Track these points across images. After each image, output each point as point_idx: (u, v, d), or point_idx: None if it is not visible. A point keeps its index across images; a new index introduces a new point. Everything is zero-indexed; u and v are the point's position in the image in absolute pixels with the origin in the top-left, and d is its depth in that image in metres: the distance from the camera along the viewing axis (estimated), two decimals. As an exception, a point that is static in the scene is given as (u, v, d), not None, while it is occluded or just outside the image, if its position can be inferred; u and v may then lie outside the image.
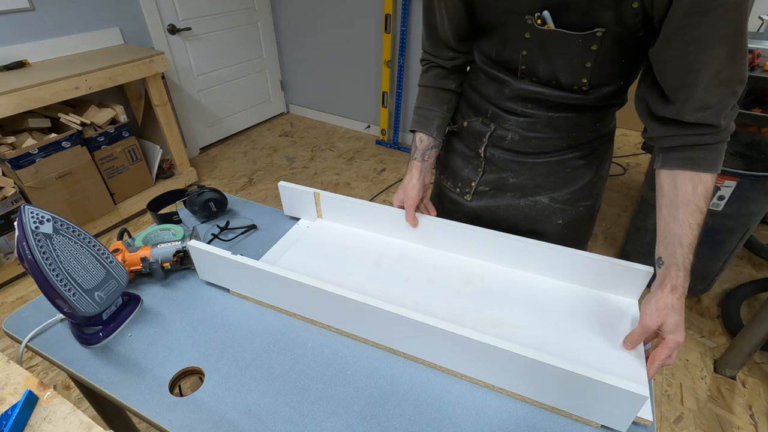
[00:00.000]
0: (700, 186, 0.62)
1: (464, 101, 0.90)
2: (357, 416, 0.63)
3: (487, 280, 0.84)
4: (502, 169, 0.86)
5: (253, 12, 3.15)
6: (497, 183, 0.88)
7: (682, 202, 0.63)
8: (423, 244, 0.93)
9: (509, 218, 0.91)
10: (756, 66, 1.76)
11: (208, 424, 0.62)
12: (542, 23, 0.65)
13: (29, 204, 0.64)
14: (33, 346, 0.75)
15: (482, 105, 0.84)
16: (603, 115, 0.79)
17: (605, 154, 0.87)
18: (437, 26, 0.80)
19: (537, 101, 0.76)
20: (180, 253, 0.86)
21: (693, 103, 0.60)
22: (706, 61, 0.57)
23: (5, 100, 1.71)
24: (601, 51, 0.65)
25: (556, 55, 0.69)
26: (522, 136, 0.81)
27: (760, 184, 1.44)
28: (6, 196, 1.82)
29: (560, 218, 0.89)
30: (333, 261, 0.89)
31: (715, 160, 0.63)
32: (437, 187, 1.03)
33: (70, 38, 2.19)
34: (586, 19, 0.62)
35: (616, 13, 0.60)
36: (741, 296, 1.79)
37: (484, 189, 0.90)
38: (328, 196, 0.96)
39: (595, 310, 0.77)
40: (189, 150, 3.01)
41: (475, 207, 0.93)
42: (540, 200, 0.87)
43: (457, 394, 0.66)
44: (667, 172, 0.66)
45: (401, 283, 0.84)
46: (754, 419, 1.40)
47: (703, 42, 0.55)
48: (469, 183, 0.92)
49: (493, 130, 0.83)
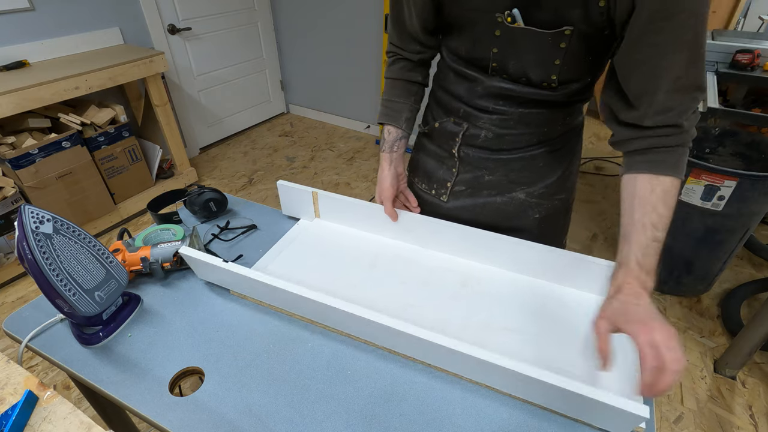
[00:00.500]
0: (658, 187, 0.61)
1: (434, 101, 0.91)
2: (357, 416, 0.63)
3: (483, 283, 0.84)
4: (477, 168, 0.87)
5: (253, 12, 3.15)
6: (473, 182, 0.89)
7: (638, 202, 0.62)
8: (420, 245, 0.93)
9: (487, 217, 0.91)
10: (756, 66, 1.76)
11: (208, 424, 0.62)
12: (512, 21, 0.66)
13: (29, 204, 0.64)
14: (33, 346, 0.75)
15: (453, 104, 0.84)
16: (571, 110, 0.81)
17: (575, 147, 0.89)
18: (405, 20, 0.80)
19: (508, 98, 0.77)
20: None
21: (655, 107, 0.61)
22: (666, 66, 0.58)
23: (5, 100, 1.71)
24: (570, 49, 0.66)
25: (526, 52, 0.69)
26: (495, 134, 0.81)
27: (760, 184, 1.44)
28: (6, 196, 1.82)
29: (537, 213, 0.89)
30: (329, 262, 0.89)
31: (675, 163, 0.62)
32: (412, 191, 1.01)
33: (70, 38, 2.19)
34: (555, 17, 0.63)
35: (584, 11, 0.61)
36: (741, 296, 1.79)
37: (460, 189, 0.90)
38: (326, 196, 0.96)
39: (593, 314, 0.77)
40: (189, 150, 3.01)
41: (452, 208, 0.92)
42: (516, 196, 0.88)
43: (457, 394, 0.66)
44: (629, 176, 0.65)
45: (396, 284, 0.84)
46: (754, 419, 1.40)
47: (664, 47, 0.57)
48: (444, 184, 0.92)
49: (466, 129, 0.83)
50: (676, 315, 1.78)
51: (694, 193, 1.54)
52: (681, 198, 1.58)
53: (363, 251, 0.92)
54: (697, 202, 1.55)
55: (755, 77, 1.73)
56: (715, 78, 1.75)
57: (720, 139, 1.76)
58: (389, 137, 0.89)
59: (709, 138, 1.77)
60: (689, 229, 1.63)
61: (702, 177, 1.49)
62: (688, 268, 1.74)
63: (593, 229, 2.29)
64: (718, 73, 1.78)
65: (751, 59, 1.74)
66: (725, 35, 2.07)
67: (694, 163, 1.49)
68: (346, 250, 0.92)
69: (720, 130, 1.75)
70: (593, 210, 2.44)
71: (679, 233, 1.67)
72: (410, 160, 1.00)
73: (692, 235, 1.64)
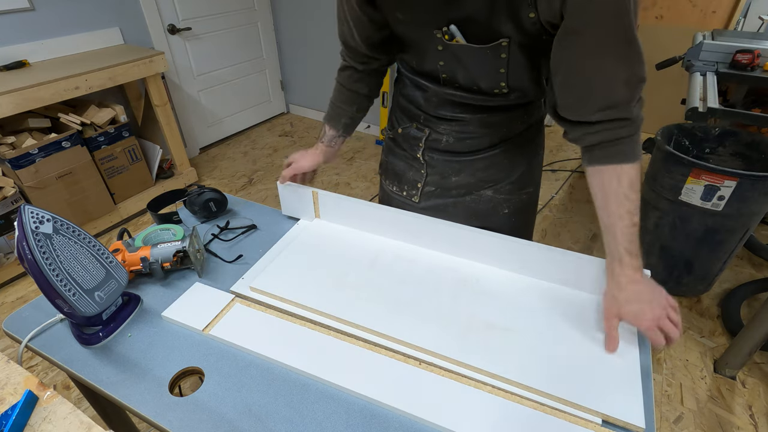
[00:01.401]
0: (624, 177, 0.65)
1: (398, 107, 0.93)
2: (357, 416, 0.63)
3: (483, 283, 0.84)
4: (444, 170, 0.88)
5: (253, 12, 3.15)
6: (441, 183, 0.90)
7: (610, 195, 0.66)
8: (419, 245, 0.92)
9: (459, 215, 0.92)
10: (756, 66, 1.76)
11: (208, 424, 0.62)
12: (450, 38, 0.67)
13: (29, 204, 0.64)
14: (33, 346, 0.75)
15: (414, 111, 0.86)
16: (530, 108, 0.82)
17: (537, 140, 0.90)
18: (347, 38, 0.81)
19: (464, 105, 0.78)
20: (180, 253, 0.86)
21: (596, 104, 0.63)
22: (598, 66, 0.60)
23: (5, 100, 1.71)
24: (511, 58, 0.68)
25: (471, 64, 0.71)
26: (456, 138, 0.83)
27: (760, 184, 1.44)
28: (6, 196, 1.82)
29: (506, 208, 0.91)
30: (329, 261, 0.89)
31: (632, 151, 0.65)
32: (385, 194, 1.03)
33: (70, 38, 2.19)
34: (490, 31, 0.65)
35: (516, 24, 0.63)
36: (741, 296, 1.79)
37: (430, 189, 0.92)
38: (326, 196, 0.96)
39: (592, 314, 0.77)
40: (189, 150, 3.01)
41: (425, 208, 0.94)
42: (484, 193, 0.89)
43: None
44: (592, 168, 0.68)
45: (396, 284, 0.83)
46: (754, 419, 1.40)
47: (593, 49, 0.59)
48: (415, 185, 0.93)
49: (428, 134, 0.85)
50: (676, 315, 1.78)
51: (694, 193, 1.54)
52: (681, 198, 1.58)
53: (363, 251, 0.92)
54: (697, 202, 1.55)
55: (755, 77, 1.73)
56: (715, 78, 1.75)
57: (720, 139, 1.76)
58: (329, 133, 0.95)
59: (709, 138, 1.77)
60: (689, 229, 1.63)
61: (702, 177, 1.49)
62: (688, 268, 1.74)
63: (593, 229, 2.29)
64: (718, 73, 1.78)
65: (751, 59, 1.74)
66: (725, 35, 2.07)
67: (694, 163, 1.49)
68: (346, 250, 0.92)
69: (720, 130, 1.75)
70: (593, 210, 2.43)
71: (679, 233, 1.67)
72: (380, 162, 1.03)
73: (692, 235, 1.64)
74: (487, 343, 0.71)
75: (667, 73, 2.92)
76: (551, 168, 2.87)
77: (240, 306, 0.80)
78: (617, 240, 0.66)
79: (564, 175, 2.79)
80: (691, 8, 2.84)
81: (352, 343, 0.73)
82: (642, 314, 0.64)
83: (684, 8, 2.86)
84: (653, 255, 1.80)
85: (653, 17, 2.98)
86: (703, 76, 1.77)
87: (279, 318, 0.78)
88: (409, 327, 0.73)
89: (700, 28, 2.78)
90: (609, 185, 0.66)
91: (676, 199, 1.60)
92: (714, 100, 1.59)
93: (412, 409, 0.62)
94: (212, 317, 0.77)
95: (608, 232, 0.67)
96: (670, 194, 1.62)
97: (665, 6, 2.91)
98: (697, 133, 1.78)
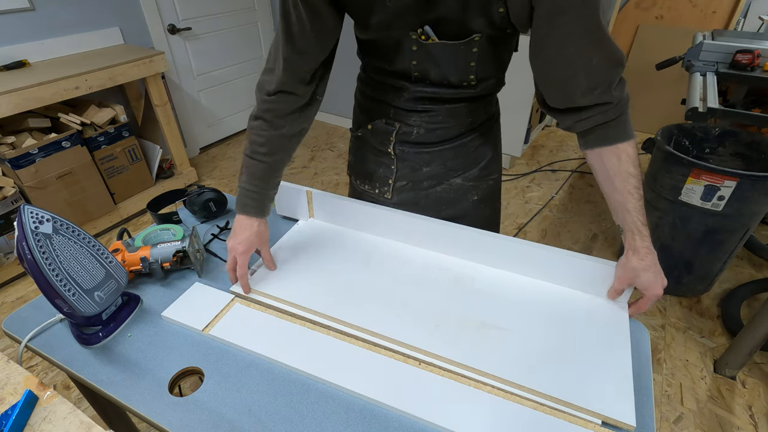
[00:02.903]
0: (623, 155, 0.69)
1: (359, 109, 0.95)
2: (357, 416, 0.63)
3: (477, 282, 0.84)
4: (415, 162, 0.91)
5: (253, 12, 3.15)
6: (412, 176, 0.93)
7: (613, 174, 0.70)
8: (413, 245, 0.93)
9: (430, 206, 0.95)
10: (756, 66, 1.76)
11: (208, 424, 0.62)
12: (426, 38, 0.71)
13: (29, 204, 0.64)
14: (33, 346, 0.75)
15: (382, 108, 0.88)
16: (490, 100, 0.90)
17: (497, 131, 0.97)
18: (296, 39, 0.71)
19: (434, 99, 0.83)
20: (180, 253, 0.86)
21: (579, 90, 0.67)
22: (575, 53, 0.64)
23: (5, 100, 1.71)
24: (481, 51, 0.73)
25: (444, 61, 0.75)
26: (426, 129, 0.87)
27: (760, 184, 1.44)
28: (6, 196, 1.82)
29: (475, 195, 0.96)
30: (323, 261, 0.89)
31: (625, 130, 0.69)
32: (355, 192, 1.03)
33: (70, 38, 2.19)
34: (463, 28, 0.69)
35: (487, 19, 0.68)
36: (741, 296, 1.79)
37: (402, 184, 0.94)
38: (321, 195, 0.96)
39: (583, 312, 0.77)
40: (189, 150, 3.01)
41: (397, 203, 0.95)
42: (455, 182, 0.93)
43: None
44: (591, 152, 0.72)
45: (390, 283, 0.84)
46: (754, 419, 1.40)
47: (568, 38, 0.63)
48: (386, 181, 0.94)
49: (399, 128, 0.87)
50: (676, 315, 1.78)
51: (694, 193, 1.54)
52: (681, 198, 1.58)
53: (357, 250, 0.92)
54: (697, 203, 1.55)
55: (755, 77, 1.73)
56: (715, 78, 1.75)
57: (720, 139, 1.76)
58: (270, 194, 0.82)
59: (709, 138, 1.77)
60: (689, 229, 1.63)
61: (702, 177, 1.49)
62: (688, 268, 1.74)
63: (593, 229, 2.29)
64: (718, 73, 1.78)
65: (751, 59, 1.74)
66: (725, 35, 2.07)
67: (694, 163, 1.49)
68: (340, 250, 0.92)
69: (720, 130, 1.75)
70: (593, 210, 2.44)
71: (679, 233, 1.67)
72: (349, 163, 1.03)
73: (692, 235, 1.64)
74: (480, 342, 0.71)
75: (667, 73, 2.92)
76: (551, 168, 2.87)
77: (240, 306, 0.80)
78: (632, 215, 0.70)
79: (564, 175, 2.79)
80: (691, 8, 2.84)
81: (351, 343, 0.73)
82: (656, 282, 0.70)
83: (684, 8, 2.86)
84: (653, 255, 1.80)
85: (653, 17, 2.98)
86: (703, 76, 1.77)
87: (278, 318, 0.78)
88: (402, 326, 0.73)
89: (700, 28, 2.78)
90: (611, 165, 0.70)
91: (676, 199, 1.60)
92: (714, 100, 1.59)
93: (410, 408, 0.62)
94: (212, 317, 0.77)
95: (621, 209, 0.71)
96: (670, 194, 1.62)
97: (665, 6, 2.91)
98: (697, 133, 1.78)
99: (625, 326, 0.74)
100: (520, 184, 2.71)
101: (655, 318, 1.77)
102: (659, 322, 1.75)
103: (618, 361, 0.67)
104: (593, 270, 0.78)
